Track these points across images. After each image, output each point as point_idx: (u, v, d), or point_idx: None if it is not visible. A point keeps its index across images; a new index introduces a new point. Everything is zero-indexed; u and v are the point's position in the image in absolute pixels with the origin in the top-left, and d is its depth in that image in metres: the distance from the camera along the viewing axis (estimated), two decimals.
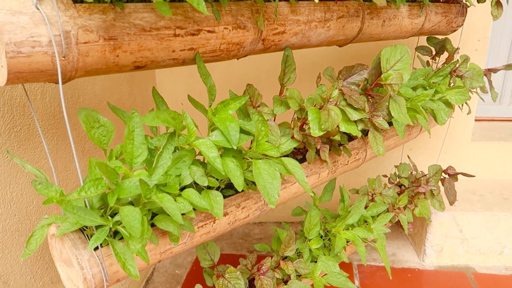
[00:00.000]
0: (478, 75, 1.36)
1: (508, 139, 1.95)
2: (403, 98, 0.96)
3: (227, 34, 0.72)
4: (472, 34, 1.77)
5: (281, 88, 0.89)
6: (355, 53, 1.79)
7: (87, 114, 0.65)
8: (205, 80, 0.72)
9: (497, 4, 1.29)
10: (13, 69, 0.51)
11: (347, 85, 0.92)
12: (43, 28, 0.51)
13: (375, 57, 1.21)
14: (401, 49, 0.96)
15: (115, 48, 0.59)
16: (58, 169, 1.12)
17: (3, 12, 0.48)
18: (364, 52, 1.79)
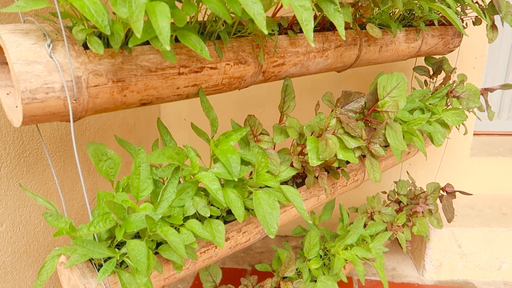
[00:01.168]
0: (475, 96, 1.39)
1: (507, 154, 1.97)
2: (399, 123, 0.99)
3: (229, 70, 0.75)
4: (469, 52, 1.80)
5: (281, 116, 0.93)
6: (355, 71, 1.82)
7: (95, 148, 0.69)
8: (207, 113, 0.75)
9: (493, 27, 1.32)
10: (28, 113, 0.55)
11: (345, 112, 0.95)
12: (56, 76, 0.54)
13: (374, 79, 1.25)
14: (397, 76, 1.00)
15: (123, 89, 0.62)
16: (65, 189, 1.15)
17: (19, 62, 0.52)
18: (363, 70, 1.83)
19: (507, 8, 1.28)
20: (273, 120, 1.85)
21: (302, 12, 0.61)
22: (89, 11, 0.47)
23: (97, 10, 0.47)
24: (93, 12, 0.47)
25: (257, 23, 0.52)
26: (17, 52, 0.52)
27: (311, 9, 0.62)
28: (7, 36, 0.52)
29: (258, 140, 0.85)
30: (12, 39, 0.52)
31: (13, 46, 0.52)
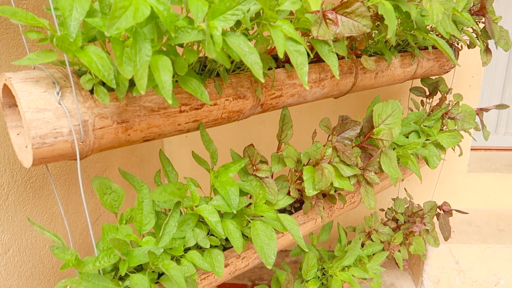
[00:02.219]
0: (470, 117, 1.42)
1: (504, 170, 2.00)
2: (395, 147, 1.02)
3: (228, 105, 0.79)
4: (465, 71, 1.83)
5: (279, 144, 0.96)
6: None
7: (100, 182, 0.72)
8: (207, 146, 0.79)
9: (486, 51, 1.35)
10: (38, 157, 0.58)
11: (341, 139, 0.98)
12: (65, 121, 0.58)
13: (371, 102, 1.28)
14: (392, 104, 1.03)
15: (127, 129, 0.65)
16: (70, 211, 1.18)
17: (30, 111, 0.55)
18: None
19: (500, 33, 1.31)
20: (273, 136, 1.88)
21: (297, 56, 0.64)
22: (96, 66, 0.50)
23: (104, 64, 0.51)
24: (100, 67, 0.50)
25: (254, 72, 0.55)
26: (28, 101, 0.55)
27: (305, 53, 0.65)
28: (19, 85, 0.56)
29: (256, 169, 0.88)
30: (23, 88, 0.56)
31: (25, 95, 0.55)
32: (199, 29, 0.54)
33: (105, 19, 0.50)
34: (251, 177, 0.81)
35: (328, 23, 0.70)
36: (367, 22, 0.72)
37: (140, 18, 0.46)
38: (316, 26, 0.66)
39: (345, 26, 0.71)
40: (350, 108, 1.87)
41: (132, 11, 0.45)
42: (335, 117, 1.88)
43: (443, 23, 0.85)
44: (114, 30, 0.44)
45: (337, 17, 0.71)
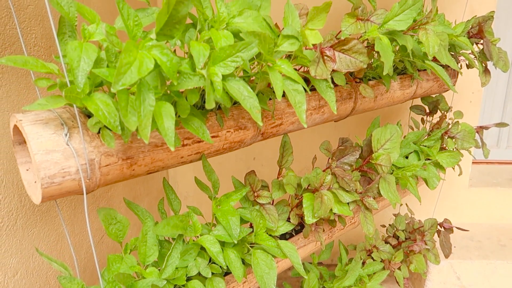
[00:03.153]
0: (470, 136, 1.43)
1: (506, 184, 2.00)
2: (395, 169, 1.04)
3: (230, 136, 0.81)
4: (466, 87, 1.85)
5: (280, 170, 0.98)
6: None
7: (105, 213, 0.74)
8: (209, 176, 0.81)
9: (485, 72, 1.37)
10: (47, 195, 0.61)
11: (340, 165, 1.00)
12: (72, 161, 0.60)
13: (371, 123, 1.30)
14: (391, 129, 1.05)
15: (132, 164, 0.68)
16: (76, 230, 1.21)
17: (40, 153, 0.58)
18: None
19: (499, 54, 1.33)
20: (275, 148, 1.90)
21: (295, 95, 0.67)
22: (102, 113, 0.53)
23: (110, 111, 0.53)
24: (106, 114, 0.53)
25: (252, 116, 0.58)
26: (38, 143, 0.58)
27: (303, 92, 0.68)
28: (29, 128, 0.59)
29: (257, 195, 0.90)
30: (33, 131, 0.59)
31: (35, 138, 0.58)
32: (200, 76, 0.56)
33: (111, 69, 0.53)
34: (252, 207, 0.84)
35: (326, 60, 0.72)
36: (364, 58, 0.74)
37: (144, 72, 0.48)
38: (314, 66, 0.68)
39: (342, 62, 0.74)
40: (350, 124, 1.89)
41: (137, 66, 0.48)
42: (336, 132, 1.91)
43: (439, 54, 0.87)
44: (120, 86, 0.46)
45: (334, 54, 0.73)
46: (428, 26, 0.87)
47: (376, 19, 0.85)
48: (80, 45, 0.53)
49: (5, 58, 0.52)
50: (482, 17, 1.30)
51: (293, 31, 0.67)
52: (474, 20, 1.29)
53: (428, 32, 0.86)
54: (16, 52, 0.92)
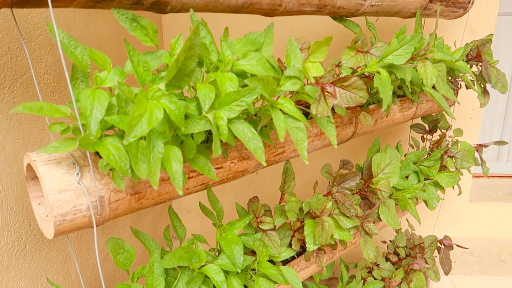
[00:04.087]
0: (469, 155, 1.45)
1: (505, 199, 2.02)
2: (392, 200, 1.06)
3: (233, 166, 0.84)
4: (466, 103, 1.87)
5: (282, 195, 1.00)
6: None
7: (114, 243, 0.77)
8: (213, 205, 0.84)
9: (484, 93, 1.39)
10: (59, 231, 0.63)
11: (341, 190, 1.03)
12: (83, 199, 0.63)
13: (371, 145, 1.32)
14: (391, 154, 1.07)
15: (140, 198, 0.71)
16: (82, 251, 1.24)
17: (53, 192, 0.60)
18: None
19: (497, 76, 1.36)
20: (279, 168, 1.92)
21: (297, 133, 0.69)
22: (114, 158, 0.55)
23: (120, 156, 0.56)
24: (117, 159, 0.56)
25: (256, 157, 0.60)
26: (51, 183, 0.61)
27: (305, 129, 0.70)
28: (43, 168, 0.61)
29: (260, 221, 0.93)
30: (47, 171, 0.61)
31: (48, 178, 0.61)
32: (206, 120, 0.59)
33: (122, 116, 0.55)
34: (255, 237, 0.86)
35: (326, 96, 0.75)
36: (363, 94, 0.77)
37: (154, 123, 0.51)
38: (315, 104, 0.71)
39: (343, 97, 0.76)
40: (351, 141, 1.91)
41: (147, 118, 0.51)
42: (337, 150, 1.93)
43: (437, 85, 0.90)
44: (132, 138, 0.49)
45: (335, 90, 0.76)
46: (427, 58, 0.89)
47: (376, 51, 0.88)
48: (93, 93, 0.55)
49: (22, 106, 0.55)
50: (480, 41, 1.33)
51: (295, 72, 0.70)
52: (473, 44, 1.31)
53: (426, 64, 0.89)
54: (27, 81, 0.95)
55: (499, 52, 2.05)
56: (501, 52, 2.05)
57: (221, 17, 1.37)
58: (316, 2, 0.91)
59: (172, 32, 1.82)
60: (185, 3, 0.69)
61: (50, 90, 1.05)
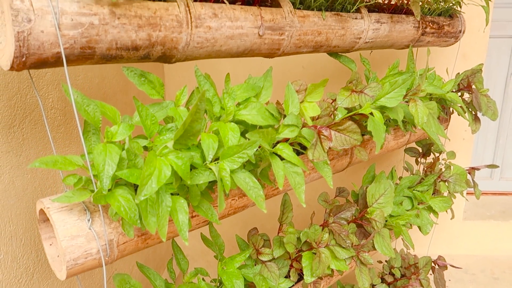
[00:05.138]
0: (462, 179, 1.50)
1: (498, 217, 2.07)
2: (387, 229, 1.10)
3: (234, 203, 0.88)
4: (458, 125, 1.92)
5: (280, 226, 1.04)
6: None
7: (120, 279, 0.81)
8: (215, 240, 0.87)
9: (475, 120, 1.44)
10: (70, 274, 0.67)
11: (337, 220, 1.07)
12: (94, 243, 0.67)
13: (366, 171, 1.36)
14: (385, 184, 1.12)
15: (146, 239, 0.74)
16: (85, 275, 1.27)
17: (66, 239, 0.64)
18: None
19: (488, 104, 1.41)
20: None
21: (295, 177, 0.73)
22: (124, 209, 0.59)
23: (130, 207, 0.60)
24: (127, 210, 0.60)
25: (257, 204, 0.65)
26: (64, 230, 0.65)
27: (302, 174, 0.74)
28: (56, 216, 0.65)
29: (259, 253, 0.97)
30: (60, 218, 0.65)
31: (61, 225, 0.65)
32: (210, 171, 0.63)
33: (131, 170, 0.59)
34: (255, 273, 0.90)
35: (322, 139, 0.79)
36: (357, 137, 0.81)
37: (163, 181, 0.55)
38: (312, 149, 0.75)
39: (338, 140, 0.81)
40: None
41: (156, 176, 0.55)
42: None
43: (428, 124, 0.95)
44: (142, 197, 0.53)
45: (331, 133, 0.80)
46: (418, 97, 0.94)
47: (370, 91, 0.92)
48: (105, 149, 0.60)
49: (38, 161, 0.59)
50: (471, 71, 1.38)
51: (292, 121, 0.74)
52: (464, 74, 1.36)
53: (418, 104, 0.93)
54: (35, 118, 0.99)
55: (491, 73, 2.10)
56: (493, 73, 2.10)
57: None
58: (313, 44, 0.96)
59: (173, 70, 1.87)
60: (189, 54, 0.74)
61: (57, 124, 1.09)
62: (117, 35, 0.61)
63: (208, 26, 0.72)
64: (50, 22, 0.54)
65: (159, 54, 0.69)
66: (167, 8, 0.67)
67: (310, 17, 0.92)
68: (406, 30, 1.22)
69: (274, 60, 1.33)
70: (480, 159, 2.24)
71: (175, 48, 0.70)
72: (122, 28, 0.61)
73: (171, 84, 1.89)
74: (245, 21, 0.78)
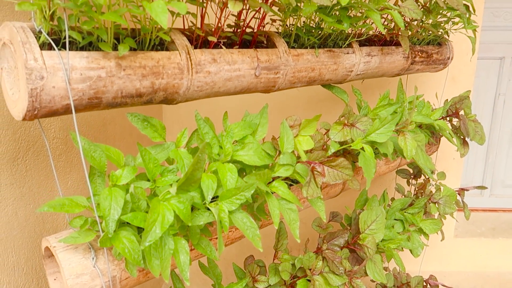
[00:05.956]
0: (451, 201, 1.54)
1: (488, 234, 2.11)
2: (379, 255, 1.14)
3: (232, 235, 0.91)
4: (449, 145, 1.97)
5: (275, 253, 1.08)
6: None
7: None
8: (213, 271, 0.91)
9: (464, 144, 1.49)
10: None
11: (331, 246, 1.10)
12: (98, 280, 0.70)
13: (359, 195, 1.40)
14: (376, 211, 1.16)
15: (147, 273, 0.77)
16: None
17: (71, 277, 0.67)
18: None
19: (475, 129, 1.46)
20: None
21: (290, 213, 0.77)
22: (128, 251, 0.63)
23: (134, 248, 0.63)
24: (131, 251, 0.63)
25: (254, 243, 0.68)
26: (70, 269, 0.68)
27: (297, 211, 0.78)
28: (62, 255, 0.68)
29: (255, 280, 1.00)
30: (65, 258, 0.68)
31: (67, 264, 0.68)
32: (209, 212, 0.67)
33: (136, 213, 0.63)
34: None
35: (316, 175, 0.83)
36: (349, 172, 0.85)
37: (166, 226, 0.58)
38: (306, 187, 0.79)
39: (331, 175, 0.85)
40: None
41: (160, 222, 0.58)
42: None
43: (416, 156, 0.99)
44: (147, 243, 0.56)
45: (324, 169, 0.84)
46: (406, 130, 0.98)
47: (361, 125, 0.97)
48: (110, 193, 0.63)
49: (47, 205, 0.63)
50: (459, 97, 1.43)
51: (287, 160, 0.78)
52: (452, 101, 1.42)
53: (407, 137, 0.98)
54: (38, 149, 1.02)
55: (479, 93, 2.16)
56: (481, 93, 2.17)
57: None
58: (306, 80, 1.00)
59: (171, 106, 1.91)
60: (189, 97, 0.78)
61: (58, 153, 1.12)
62: (122, 85, 0.65)
63: (207, 71, 0.76)
64: (61, 78, 0.58)
65: (161, 98, 0.73)
66: (169, 57, 0.71)
67: (304, 55, 0.96)
68: (396, 60, 1.27)
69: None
70: (470, 176, 2.29)
71: (177, 92, 0.74)
72: (128, 78, 0.65)
73: (168, 117, 1.93)
74: (242, 63, 0.82)
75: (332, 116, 1.92)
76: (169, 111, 1.91)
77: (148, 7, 0.57)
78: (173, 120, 1.93)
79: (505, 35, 2.11)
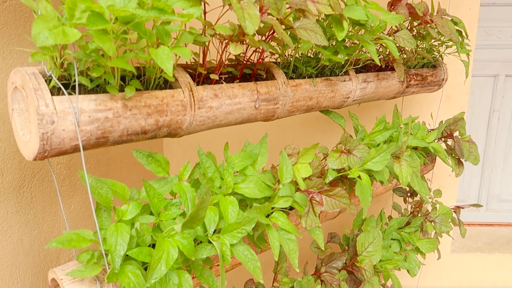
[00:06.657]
0: (447, 219, 1.57)
1: (485, 249, 2.14)
2: (376, 277, 1.16)
3: (233, 261, 0.93)
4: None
5: (275, 276, 1.10)
6: None
7: None
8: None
9: (458, 164, 1.52)
10: None
11: (329, 269, 1.13)
12: None
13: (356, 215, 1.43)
14: (373, 233, 1.18)
15: None
16: None
17: None
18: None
19: (470, 150, 1.49)
20: None
21: (289, 243, 0.80)
22: (134, 285, 0.65)
23: (139, 282, 0.66)
24: (137, 286, 0.65)
25: (255, 275, 0.70)
26: None
27: (296, 241, 0.81)
28: (69, 287, 0.70)
29: None
30: None
31: None
32: (212, 246, 0.69)
33: (141, 248, 0.65)
34: None
35: (314, 204, 0.86)
36: (346, 201, 0.88)
37: (170, 263, 0.61)
38: (305, 217, 0.82)
39: (328, 204, 0.87)
40: None
41: (165, 259, 0.61)
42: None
43: (412, 182, 1.02)
44: (153, 280, 0.59)
45: (322, 198, 0.87)
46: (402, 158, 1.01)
47: (357, 153, 1.00)
48: (116, 229, 0.65)
49: (55, 241, 0.65)
50: (453, 119, 1.47)
51: (286, 192, 0.81)
52: (447, 123, 1.45)
53: (402, 164, 1.01)
54: (42, 175, 1.05)
55: (474, 110, 2.20)
56: (476, 110, 2.20)
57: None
58: (304, 108, 1.03)
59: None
60: (191, 131, 0.80)
61: (62, 178, 1.14)
62: (128, 124, 0.68)
63: (209, 106, 0.79)
64: (71, 121, 0.61)
65: (165, 134, 0.76)
66: (173, 95, 0.73)
67: (302, 85, 0.99)
68: (392, 85, 1.30)
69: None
70: (466, 191, 2.32)
71: (180, 128, 0.76)
72: (133, 117, 0.68)
73: (169, 144, 1.96)
74: (242, 97, 0.85)
75: (330, 134, 1.95)
76: (170, 139, 1.94)
77: (154, 54, 0.60)
78: (174, 146, 1.95)
79: (499, 53, 2.15)
